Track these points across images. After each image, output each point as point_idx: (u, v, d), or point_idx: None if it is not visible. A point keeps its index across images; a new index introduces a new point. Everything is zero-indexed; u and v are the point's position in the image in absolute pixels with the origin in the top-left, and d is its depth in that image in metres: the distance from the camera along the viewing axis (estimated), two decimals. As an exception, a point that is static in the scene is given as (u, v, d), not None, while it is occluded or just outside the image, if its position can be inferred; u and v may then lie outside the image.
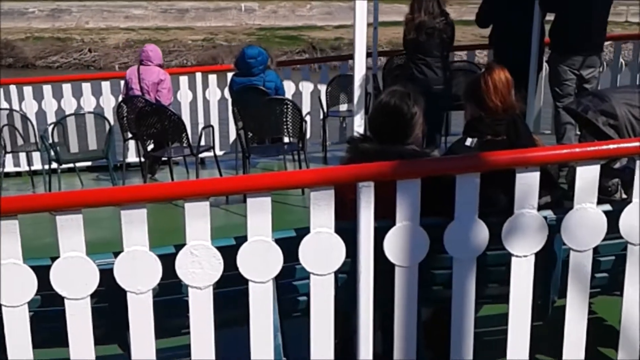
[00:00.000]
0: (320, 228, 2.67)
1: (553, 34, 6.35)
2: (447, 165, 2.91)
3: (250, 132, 6.53)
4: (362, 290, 2.75)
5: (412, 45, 6.52)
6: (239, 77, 6.94)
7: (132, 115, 7.05)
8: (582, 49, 6.16)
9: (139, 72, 7.35)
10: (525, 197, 2.76)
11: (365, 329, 2.79)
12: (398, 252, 2.75)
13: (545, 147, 3.10)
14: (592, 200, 2.80)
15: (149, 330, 2.62)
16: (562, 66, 6.19)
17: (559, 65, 6.22)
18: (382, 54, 8.44)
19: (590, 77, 6.25)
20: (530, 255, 2.81)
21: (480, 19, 6.77)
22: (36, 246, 2.71)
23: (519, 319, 2.86)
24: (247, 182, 2.72)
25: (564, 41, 6.18)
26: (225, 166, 7.13)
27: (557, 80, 6.28)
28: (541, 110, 7.42)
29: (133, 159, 7.77)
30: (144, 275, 2.56)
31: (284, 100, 6.61)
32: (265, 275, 2.65)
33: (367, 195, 2.68)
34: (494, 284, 3.06)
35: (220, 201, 5.84)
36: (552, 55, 6.41)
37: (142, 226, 2.54)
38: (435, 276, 2.97)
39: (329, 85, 8.05)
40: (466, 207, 2.75)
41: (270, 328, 2.70)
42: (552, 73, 6.37)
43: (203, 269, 2.60)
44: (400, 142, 3.04)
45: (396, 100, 3.06)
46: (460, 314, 2.83)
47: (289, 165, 7.19)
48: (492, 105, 3.14)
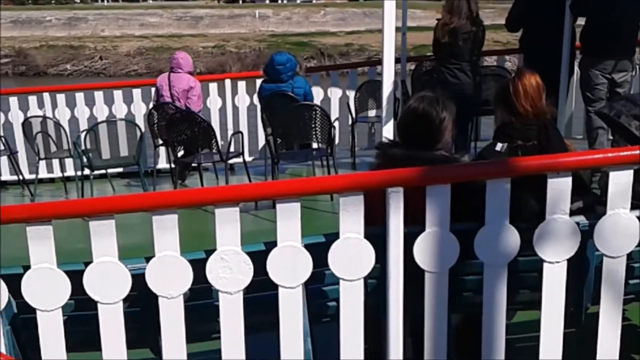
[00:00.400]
0: (349, 233, 2.67)
1: (584, 38, 6.28)
2: (478, 170, 2.90)
3: (279, 138, 6.55)
4: (392, 296, 2.75)
5: (445, 50, 6.48)
6: (268, 84, 6.97)
7: (163, 122, 7.12)
8: (613, 53, 6.08)
9: (169, 79, 7.42)
10: (557, 203, 2.73)
11: (395, 335, 2.78)
12: (428, 257, 2.74)
13: (577, 152, 3.06)
14: (625, 205, 2.76)
15: (180, 334, 2.64)
16: (594, 70, 6.11)
17: (591, 70, 6.14)
18: (410, 60, 8.41)
19: (622, 81, 6.16)
20: (563, 262, 2.78)
21: (510, 24, 6.71)
22: (69, 251, 2.76)
23: (551, 326, 2.82)
24: (277, 188, 2.73)
25: (596, 45, 6.10)
26: (254, 172, 7.17)
27: (589, 85, 6.20)
28: (572, 114, 7.33)
29: (163, 165, 7.84)
30: (175, 280, 2.59)
31: (312, 106, 6.62)
32: (295, 280, 2.66)
33: (397, 200, 2.67)
34: (526, 290, 3.02)
35: (249, 207, 5.87)
36: (583, 59, 6.34)
37: (173, 231, 2.57)
38: (465, 282, 2.95)
39: (358, 91, 8.04)
40: (497, 213, 2.73)
41: (299, 333, 2.71)
42: (584, 77, 6.30)
43: (233, 274, 2.61)
44: (429, 147, 3.03)
45: (425, 106, 3.05)
46: (491, 320, 2.81)
47: (317, 171, 7.18)
48: (523, 110, 3.12)
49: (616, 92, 6.09)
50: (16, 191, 7.70)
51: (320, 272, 2.78)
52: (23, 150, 7.89)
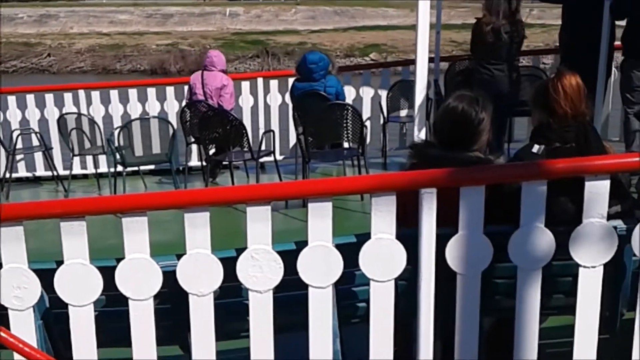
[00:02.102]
0: (381, 234, 2.65)
1: (627, 39, 6.15)
2: (513, 172, 2.85)
3: (311, 137, 6.54)
4: (423, 298, 2.71)
5: (485, 49, 6.41)
6: (300, 83, 6.97)
7: (195, 120, 7.16)
8: None
9: (202, 77, 7.46)
10: (595, 206, 2.67)
11: (425, 338, 2.75)
12: (460, 260, 2.70)
13: (616, 154, 2.99)
14: (665, 210, 2.69)
15: (209, 332, 2.64)
16: (636, 72, 5.99)
17: (633, 71, 6.03)
18: (444, 59, 8.33)
19: None
20: (599, 266, 2.72)
21: None
22: (102, 247, 2.79)
23: (585, 332, 2.77)
24: (308, 187, 2.72)
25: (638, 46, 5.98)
26: (285, 171, 7.17)
27: (629, 87, 6.09)
28: (609, 116, 7.20)
29: (195, 163, 7.89)
30: (205, 278, 2.59)
31: (344, 106, 6.60)
32: (325, 280, 2.65)
33: (430, 201, 2.64)
34: (560, 295, 2.97)
35: (280, 206, 5.87)
36: (625, 60, 6.21)
37: (204, 229, 2.57)
38: (498, 285, 2.91)
39: (390, 91, 7.99)
40: (532, 215, 2.68)
41: (329, 333, 2.69)
42: (625, 79, 6.18)
43: (263, 273, 2.61)
44: (465, 148, 2.98)
45: (465, 106, 2.99)
46: (524, 324, 2.76)
47: (348, 170, 7.16)
48: (561, 112, 3.05)
49: None
50: (50, 187, 7.81)
51: (351, 272, 2.76)
52: (58, 146, 8.01)
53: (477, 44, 6.47)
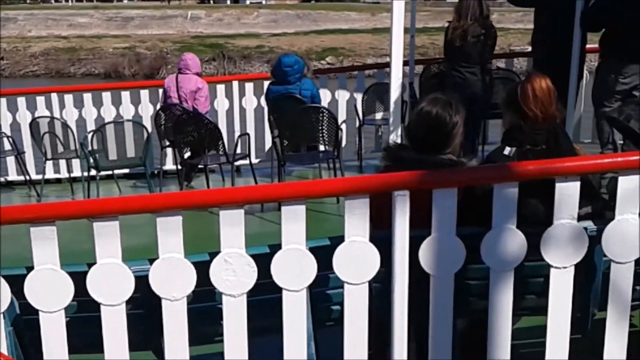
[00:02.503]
0: (354, 237, 2.65)
1: (605, 43, 6.21)
2: (485, 174, 2.87)
3: (286, 140, 6.54)
4: (397, 300, 2.72)
5: (456, 52, 6.46)
6: (275, 86, 6.97)
7: (170, 123, 7.12)
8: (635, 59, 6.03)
9: (177, 80, 7.43)
10: (565, 208, 2.70)
11: (400, 339, 2.75)
12: (433, 262, 2.72)
13: (586, 156, 3.03)
14: (634, 211, 2.73)
15: (183, 337, 2.63)
16: (613, 75, 6.05)
17: (610, 74, 6.08)
18: (419, 62, 8.38)
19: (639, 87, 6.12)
20: (570, 267, 2.75)
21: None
22: (75, 251, 2.76)
23: (557, 332, 2.79)
24: (282, 190, 2.72)
25: (618, 50, 6.04)
26: (260, 174, 7.16)
27: (606, 89, 6.14)
28: (581, 118, 7.28)
29: (170, 167, 7.84)
30: (178, 282, 2.58)
31: (319, 109, 6.61)
32: (299, 283, 2.64)
33: (403, 204, 2.65)
34: (532, 296, 2.99)
35: (255, 209, 5.86)
36: (603, 63, 6.27)
37: (177, 233, 2.55)
38: (471, 287, 2.92)
39: (365, 94, 8.02)
40: (504, 217, 2.70)
41: (303, 337, 2.69)
42: (601, 82, 6.23)
43: (237, 277, 2.60)
44: (438, 151, 2.99)
45: (438, 109, 3.01)
46: (497, 325, 2.78)
47: (324, 173, 7.17)
48: (532, 114, 3.08)
49: (633, 95, 6.04)
50: (23, 191, 7.72)
51: (325, 275, 2.76)
52: (30, 150, 7.92)
53: (449, 47, 6.52)
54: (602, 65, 6.27)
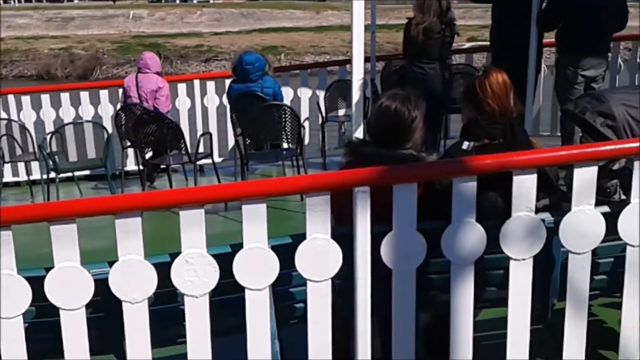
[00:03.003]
0: (316, 234, 2.65)
1: (562, 37, 6.31)
2: (444, 169, 2.89)
3: (249, 138, 6.52)
4: (360, 296, 2.73)
5: (416, 48, 6.50)
6: (237, 84, 6.93)
7: (130, 124, 7.03)
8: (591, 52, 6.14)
9: (137, 79, 7.34)
10: (523, 200, 2.74)
11: (363, 335, 2.77)
12: (395, 257, 2.73)
13: (542, 149, 3.07)
14: (590, 202, 2.78)
15: (145, 339, 2.60)
16: (572, 69, 6.15)
17: (568, 68, 6.18)
18: (380, 59, 8.43)
19: (599, 79, 6.24)
20: (529, 258, 2.79)
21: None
22: (36, 256, 2.71)
23: (518, 323, 2.83)
24: (242, 189, 2.70)
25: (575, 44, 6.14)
26: (224, 173, 7.13)
27: (566, 83, 6.24)
28: (540, 111, 7.40)
29: (132, 167, 7.75)
30: (139, 285, 2.55)
31: (281, 106, 6.60)
32: (262, 282, 2.64)
33: (364, 200, 2.66)
34: (493, 288, 3.03)
35: (219, 208, 5.83)
36: (560, 58, 6.37)
37: (136, 235, 2.52)
38: (433, 281, 2.95)
39: (328, 91, 8.03)
40: (463, 211, 2.73)
41: (267, 335, 2.68)
42: (561, 76, 6.32)
43: (199, 277, 2.58)
44: (399, 146, 3.01)
45: (397, 105, 3.03)
46: (459, 318, 2.81)
47: (287, 171, 7.17)
48: (489, 109, 3.12)
49: (592, 88, 6.15)
50: (-20, 195, 7.56)
51: (288, 273, 2.76)
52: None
53: (409, 43, 6.56)
54: (560, 59, 6.38)
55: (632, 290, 2.88)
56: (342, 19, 35.84)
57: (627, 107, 3.47)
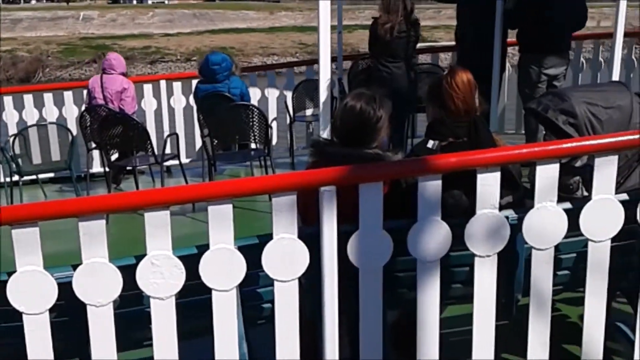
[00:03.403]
0: (283, 234, 2.65)
1: (523, 36, 6.39)
2: (409, 167, 2.91)
3: (216, 139, 6.50)
4: (327, 295, 2.74)
5: (382, 48, 6.54)
6: (203, 84, 6.90)
7: (96, 125, 6.95)
8: (553, 50, 6.24)
9: (101, 80, 7.26)
10: (487, 198, 2.77)
11: (331, 334, 2.77)
12: (361, 256, 2.74)
13: (505, 147, 3.11)
14: (552, 198, 2.82)
15: (110, 343, 2.57)
16: (534, 67, 6.24)
17: (531, 67, 6.27)
18: (347, 58, 8.45)
19: (560, 77, 6.34)
20: (493, 255, 2.82)
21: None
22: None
23: (483, 319, 2.86)
24: (207, 190, 2.68)
25: (537, 43, 6.23)
26: (191, 174, 7.09)
27: (529, 82, 6.33)
28: (505, 110, 7.49)
29: (98, 169, 7.66)
30: (103, 288, 2.52)
31: (249, 106, 6.59)
32: (228, 283, 2.62)
33: (330, 199, 2.66)
34: (458, 285, 3.06)
35: (187, 209, 5.79)
36: (523, 56, 6.46)
37: (100, 237, 2.49)
38: (400, 279, 2.97)
39: (295, 91, 8.03)
40: (428, 209, 2.75)
41: (234, 336, 2.67)
42: (524, 74, 6.41)
43: (165, 279, 2.56)
44: (364, 145, 3.03)
45: (362, 104, 3.05)
46: (426, 315, 2.83)
47: (256, 171, 7.16)
48: (454, 108, 3.15)
49: (554, 86, 6.25)
50: (-58, 199, 7.39)
51: (255, 273, 2.75)
52: (-51, 157, 7.59)
53: (375, 42, 6.61)
54: (523, 58, 6.47)
55: (594, 285, 2.93)
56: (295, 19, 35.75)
57: (589, 104, 3.53)
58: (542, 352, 2.94)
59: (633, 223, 2.92)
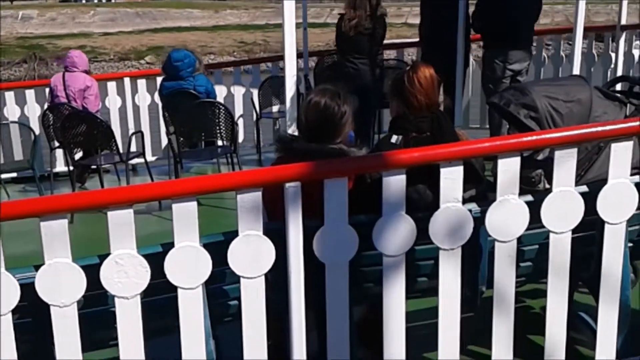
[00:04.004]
0: (248, 231, 2.65)
1: (488, 31, 6.46)
2: (373, 162, 2.93)
3: (182, 136, 6.45)
4: (294, 291, 2.75)
5: (348, 44, 6.55)
6: (168, 82, 6.85)
7: (59, 124, 6.86)
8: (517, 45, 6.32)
9: (64, 78, 7.16)
10: (450, 191, 2.80)
11: (298, 330, 2.78)
12: (327, 251, 2.75)
13: (467, 140, 3.15)
14: (514, 191, 2.86)
15: (75, 344, 2.54)
16: (499, 62, 6.32)
17: (496, 62, 6.34)
18: (313, 55, 8.46)
19: (523, 72, 6.43)
20: (457, 248, 2.85)
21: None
22: None
23: (448, 311, 2.89)
24: (171, 188, 2.67)
25: (501, 38, 6.31)
26: (157, 172, 7.04)
27: (493, 77, 6.41)
28: (469, 105, 7.57)
29: (62, 168, 7.56)
30: (67, 288, 2.49)
31: (214, 103, 6.56)
32: (194, 281, 2.62)
33: (295, 195, 2.67)
34: (424, 278, 3.09)
35: (153, 208, 5.75)
36: (487, 52, 6.53)
37: (63, 237, 2.46)
38: (366, 273, 2.99)
39: (261, 87, 8.02)
40: (393, 204, 2.77)
41: (201, 334, 2.66)
42: (488, 70, 6.48)
43: (129, 278, 2.54)
44: (329, 141, 3.04)
45: (327, 100, 3.06)
46: (392, 309, 2.85)
47: (223, 168, 7.14)
48: (416, 103, 3.18)
49: (518, 81, 6.33)
50: None
51: (221, 271, 2.74)
52: None
53: (341, 39, 6.62)
54: (487, 53, 6.54)
55: (556, 276, 2.98)
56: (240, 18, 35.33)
57: (550, 99, 3.58)
58: (506, 343, 2.98)
59: (593, 214, 2.98)
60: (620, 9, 7.12)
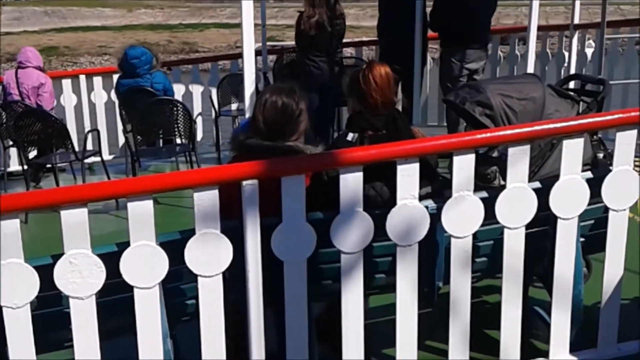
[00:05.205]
0: (205, 229, 2.63)
1: (445, 30, 6.53)
2: (330, 160, 2.93)
3: (139, 134, 6.38)
4: (252, 289, 2.74)
5: (308, 42, 6.55)
6: (124, 79, 6.76)
7: (12, 122, 6.71)
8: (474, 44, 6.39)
9: (17, 75, 7.01)
10: (407, 188, 2.83)
11: (257, 328, 2.78)
12: (285, 248, 2.76)
13: (422, 138, 3.18)
14: (469, 188, 2.90)
15: (28, 345, 2.50)
16: (456, 61, 6.38)
17: (453, 61, 6.41)
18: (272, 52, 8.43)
19: (480, 71, 6.51)
20: (414, 244, 2.88)
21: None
22: None
23: (406, 307, 2.92)
24: (125, 186, 2.64)
25: (459, 36, 6.37)
26: (115, 170, 6.95)
27: (450, 75, 6.47)
28: (427, 102, 7.63)
29: (16, 168, 7.41)
30: (19, 289, 2.45)
31: (172, 101, 6.50)
32: (151, 280, 2.60)
33: (252, 193, 2.66)
34: (382, 275, 3.11)
35: (110, 207, 5.67)
36: (444, 50, 6.59)
37: (15, 237, 2.42)
38: (324, 270, 3.00)
39: (220, 85, 7.97)
40: (350, 201, 2.78)
41: (158, 334, 2.64)
42: (446, 68, 6.54)
43: (84, 278, 2.51)
44: (284, 139, 3.03)
45: (284, 99, 3.04)
46: (350, 306, 2.87)
47: (181, 166, 7.08)
48: (372, 101, 3.20)
49: (474, 79, 6.41)
50: None
51: (178, 269, 2.72)
52: None
53: (301, 37, 6.61)
54: (444, 52, 6.61)
55: (511, 270, 3.03)
56: (155, 17, 34.62)
57: (504, 96, 3.64)
58: (462, 338, 3.02)
59: (546, 210, 3.04)
60: (573, 8, 7.26)
